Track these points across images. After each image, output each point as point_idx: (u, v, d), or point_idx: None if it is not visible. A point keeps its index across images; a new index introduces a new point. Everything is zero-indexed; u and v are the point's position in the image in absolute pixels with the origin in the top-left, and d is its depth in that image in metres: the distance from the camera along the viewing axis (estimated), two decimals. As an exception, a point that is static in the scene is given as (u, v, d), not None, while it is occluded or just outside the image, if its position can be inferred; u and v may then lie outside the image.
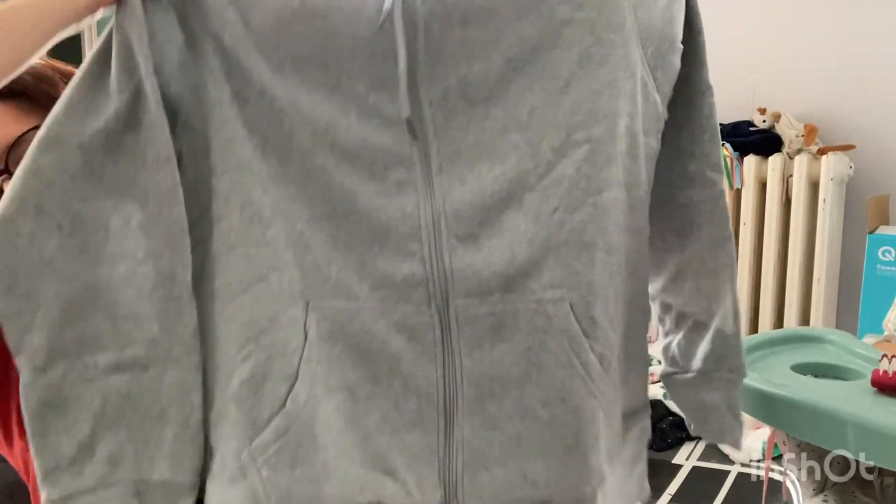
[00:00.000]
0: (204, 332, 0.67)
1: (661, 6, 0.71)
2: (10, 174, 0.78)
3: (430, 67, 0.65)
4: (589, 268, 0.69)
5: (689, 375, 0.86)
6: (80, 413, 0.64)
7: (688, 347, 0.86)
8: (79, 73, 0.64)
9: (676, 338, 0.88)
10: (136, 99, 0.64)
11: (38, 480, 0.64)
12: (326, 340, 0.66)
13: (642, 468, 0.83)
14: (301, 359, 0.66)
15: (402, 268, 0.67)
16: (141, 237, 0.65)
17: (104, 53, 0.64)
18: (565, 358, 0.68)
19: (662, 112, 0.73)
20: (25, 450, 0.81)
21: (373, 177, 0.66)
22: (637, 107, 0.70)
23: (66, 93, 0.64)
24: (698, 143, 0.79)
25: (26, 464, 0.83)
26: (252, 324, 0.66)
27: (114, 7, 0.65)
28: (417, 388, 0.68)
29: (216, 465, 0.67)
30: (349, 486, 0.68)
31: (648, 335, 2.57)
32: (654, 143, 0.74)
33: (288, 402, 0.66)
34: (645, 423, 0.81)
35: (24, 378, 0.64)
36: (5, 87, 0.77)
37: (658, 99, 0.73)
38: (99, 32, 0.69)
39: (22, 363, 0.64)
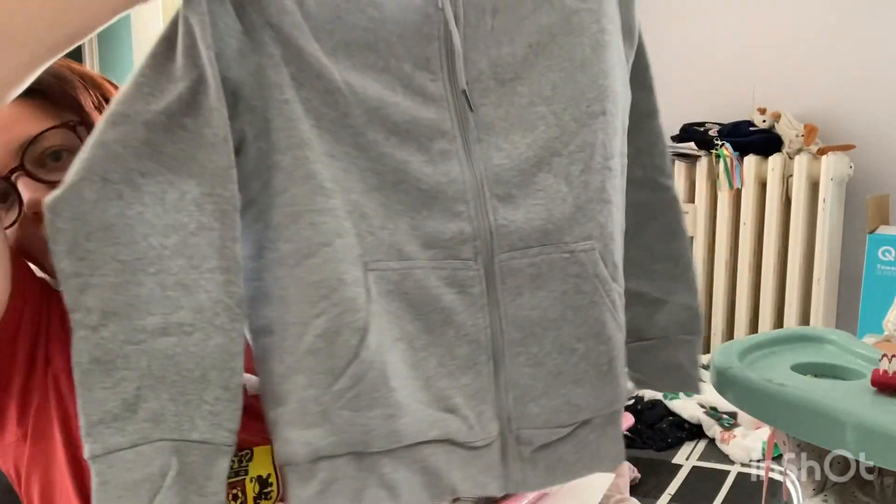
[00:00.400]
0: (270, 295, 0.73)
1: (634, 7, 0.84)
2: (27, 172, 0.78)
3: (466, 52, 0.77)
4: (609, 221, 0.81)
5: (647, 342, 0.98)
6: (127, 372, 0.68)
7: (644, 320, 0.98)
8: (146, 56, 0.70)
9: (629, 314, 0.97)
10: (197, 85, 0.68)
11: (82, 434, 0.67)
12: (385, 297, 0.74)
13: None
14: (368, 313, 0.73)
15: (450, 227, 0.76)
16: (194, 211, 0.69)
17: (169, 39, 0.69)
18: (598, 298, 0.80)
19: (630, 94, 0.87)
20: (21, 441, 0.80)
21: (420, 148, 0.75)
22: (625, 88, 0.84)
23: (135, 73, 0.69)
24: (646, 156, 0.92)
25: (16, 461, 0.81)
26: (322, 283, 0.72)
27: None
28: (468, 336, 0.77)
29: (293, 412, 0.72)
30: (420, 424, 0.75)
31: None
32: (627, 121, 0.86)
33: (361, 351, 0.72)
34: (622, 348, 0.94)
35: (77, 335, 0.67)
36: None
37: (628, 83, 0.86)
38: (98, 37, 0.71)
39: (76, 320, 0.68)
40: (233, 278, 0.70)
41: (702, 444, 2.17)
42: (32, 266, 0.84)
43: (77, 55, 0.72)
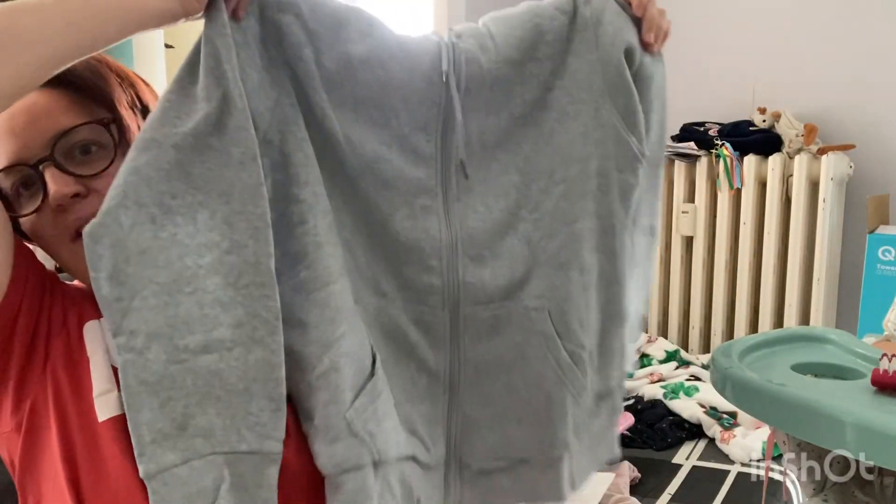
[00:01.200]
0: (288, 317, 0.75)
1: (624, 69, 0.83)
2: (56, 163, 0.79)
3: (462, 118, 0.81)
4: (565, 283, 0.85)
5: None
6: (174, 391, 0.70)
7: None
8: (171, 81, 0.71)
9: None
10: (222, 104, 0.70)
11: (136, 454, 0.70)
12: (369, 327, 0.81)
13: (612, 436, 0.98)
14: (371, 338, 0.79)
15: (423, 278, 0.82)
16: (226, 229, 0.72)
17: (192, 64, 0.71)
18: (542, 353, 0.86)
19: (639, 149, 0.85)
20: (14, 432, 0.79)
21: (405, 202, 0.81)
22: (609, 149, 0.85)
23: (161, 99, 0.71)
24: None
25: (10, 452, 0.80)
26: (343, 308, 0.77)
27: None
28: (428, 369, 0.85)
29: (318, 427, 0.76)
30: (403, 439, 0.83)
31: (649, 335, 2.60)
32: (632, 178, 0.86)
33: (377, 370, 0.79)
34: (616, 402, 0.95)
35: (123, 358, 0.70)
36: (62, 77, 0.79)
37: (632, 140, 0.85)
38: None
39: (120, 344, 0.70)
40: (269, 293, 0.72)
41: (702, 444, 2.17)
42: (43, 256, 0.84)
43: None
